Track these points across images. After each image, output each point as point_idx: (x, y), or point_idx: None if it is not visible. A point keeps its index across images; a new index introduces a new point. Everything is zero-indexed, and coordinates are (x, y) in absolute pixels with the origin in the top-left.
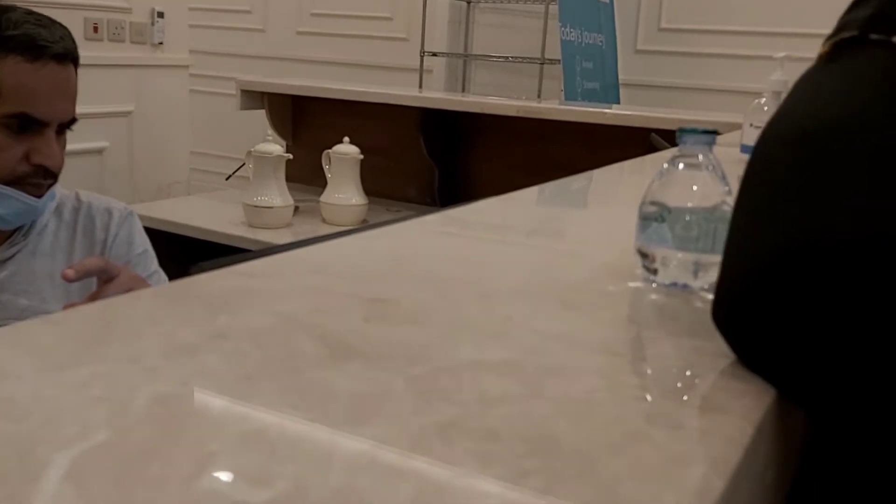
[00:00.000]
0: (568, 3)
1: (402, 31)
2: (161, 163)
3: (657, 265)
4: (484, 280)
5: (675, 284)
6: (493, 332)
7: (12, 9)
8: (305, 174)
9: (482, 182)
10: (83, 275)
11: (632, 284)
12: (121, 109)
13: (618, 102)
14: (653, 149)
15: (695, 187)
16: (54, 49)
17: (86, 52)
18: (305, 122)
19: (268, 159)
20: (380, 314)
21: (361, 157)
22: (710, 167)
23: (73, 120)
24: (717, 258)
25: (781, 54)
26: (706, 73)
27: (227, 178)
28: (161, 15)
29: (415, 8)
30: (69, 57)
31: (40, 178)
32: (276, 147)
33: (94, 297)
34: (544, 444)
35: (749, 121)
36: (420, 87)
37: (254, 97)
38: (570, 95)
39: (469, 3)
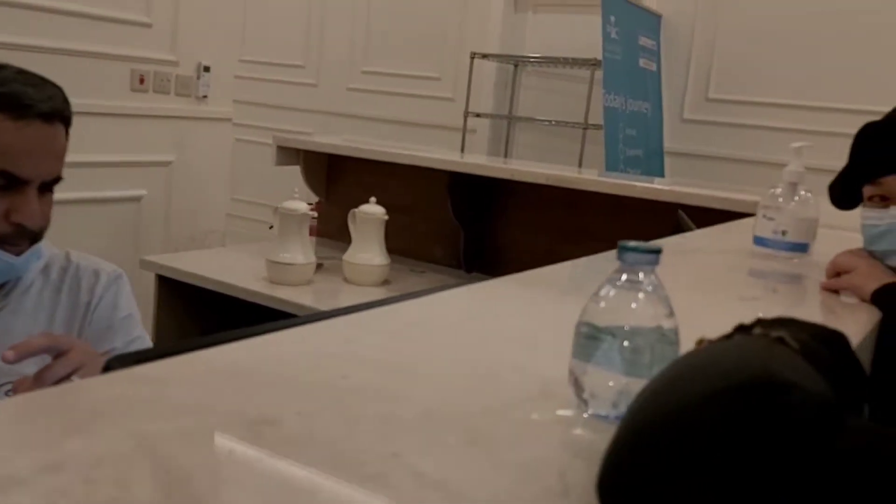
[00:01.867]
0: (613, 70)
1: (449, 92)
2: (197, 212)
3: (586, 395)
4: (393, 395)
5: (607, 417)
6: (370, 473)
7: (2, 67)
8: (335, 230)
9: (509, 246)
10: (25, 355)
11: (561, 412)
12: (161, 159)
13: (661, 170)
14: (679, 227)
15: (633, 307)
16: (40, 108)
17: (130, 103)
18: (339, 178)
19: (293, 217)
20: (252, 440)
21: (386, 217)
22: (651, 287)
23: (58, 179)
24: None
25: (798, 144)
26: (752, 144)
27: (270, 228)
28: (207, 69)
29: (462, 69)
30: (57, 116)
31: (19, 238)
32: (301, 205)
33: (39, 375)
34: None
35: (762, 211)
36: (462, 147)
37: (290, 153)
38: (612, 162)
39: (515, 66)
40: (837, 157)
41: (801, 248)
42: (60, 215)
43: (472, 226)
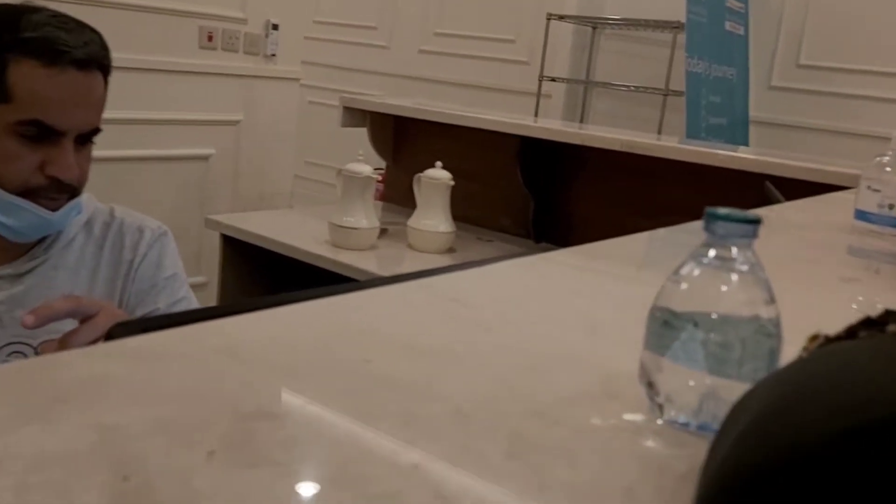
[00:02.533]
0: (696, 33)
1: (524, 55)
2: (265, 173)
3: (660, 398)
4: (421, 388)
5: (687, 425)
6: (379, 492)
7: (37, 10)
8: (401, 195)
9: (581, 217)
10: (46, 320)
11: (629, 417)
12: (229, 118)
13: (746, 140)
14: (767, 199)
15: (724, 290)
16: (75, 54)
17: (199, 60)
18: (406, 142)
19: (356, 179)
20: (242, 440)
21: (452, 182)
22: (747, 266)
23: (97, 130)
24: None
25: None
26: (846, 114)
27: None
28: (276, 27)
29: (538, 32)
30: (94, 63)
31: (55, 192)
32: (365, 167)
33: (64, 340)
34: None
35: (866, 182)
36: (536, 112)
37: (356, 115)
38: (693, 130)
39: (594, 28)
40: None
41: None
42: (128, 172)
43: (542, 195)
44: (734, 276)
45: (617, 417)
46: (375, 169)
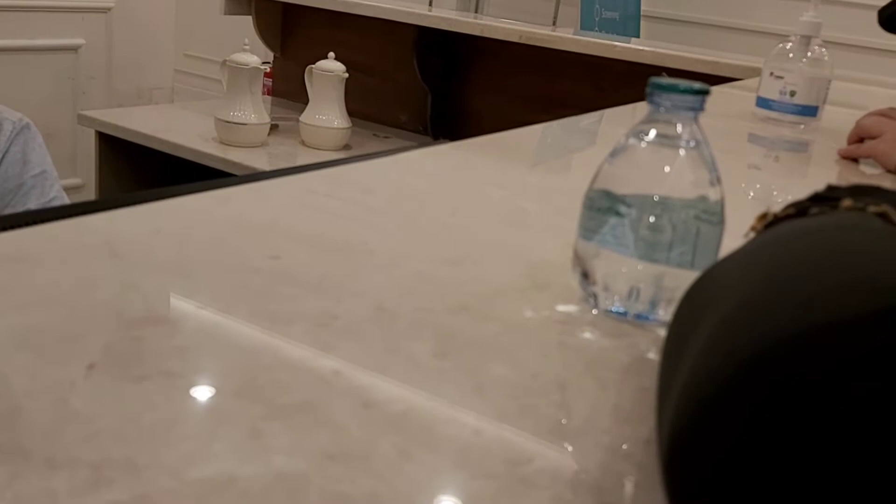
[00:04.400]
0: None
1: None
2: (141, 66)
3: (596, 287)
4: (338, 286)
5: (624, 315)
6: (296, 402)
7: None
8: (292, 89)
9: (479, 112)
10: None
11: (562, 308)
12: (99, 5)
13: (637, 34)
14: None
15: (667, 171)
16: None
17: None
18: (295, 32)
19: (243, 71)
20: (126, 351)
21: (346, 75)
22: (693, 143)
23: None
24: (691, 277)
25: None
26: (736, 10)
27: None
28: None
29: None
30: None
31: None
32: (252, 58)
33: None
34: None
35: (769, 69)
36: (430, 3)
37: (241, 1)
38: (587, 24)
39: None
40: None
41: (810, 111)
42: None
43: (439, 89)
44: (678, 154)
45: (550, 309)
46: (263, 62)
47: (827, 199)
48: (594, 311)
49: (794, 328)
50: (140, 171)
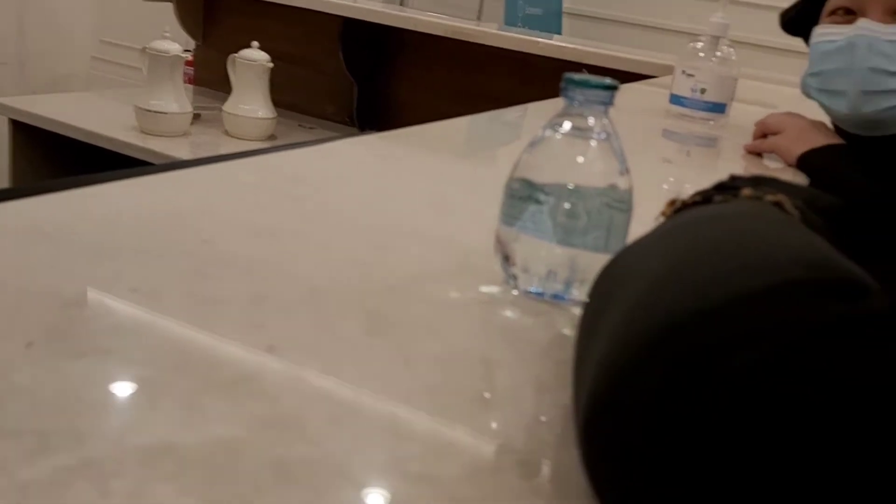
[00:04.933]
0: None
1: None
2: (56, 53)
3: (516, 269)
4: (269, 268)
5: (542, 294)
6: (234, 375)
7: None
8: (215, 78)
9: (406, 105)
10: None
11: (485, 289)
12: None
13: (559, 31)
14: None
15: (581, 161)
16: None
17: None
18: (217, 20)
19: (164, 58)
20: (64, 329)
21: (271, 65)
22: (604, 135)
23: None
24: (603, 259)
25: None
26: (653, 9)
27: None
28: None
29: None
30: None
31: None
32: (173, 45)
33: None
34: None
35: (682, 67)
36: None
37: None
38: (511, 19)
39: None
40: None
41: (720, 108)
42: None
43: (366, 81)
44: (590, 146)
45: (474, 290)
46: (185, 50)
47: (729, 188)
48: (515, 292)
49: (695, 304)
50: (56, 161)
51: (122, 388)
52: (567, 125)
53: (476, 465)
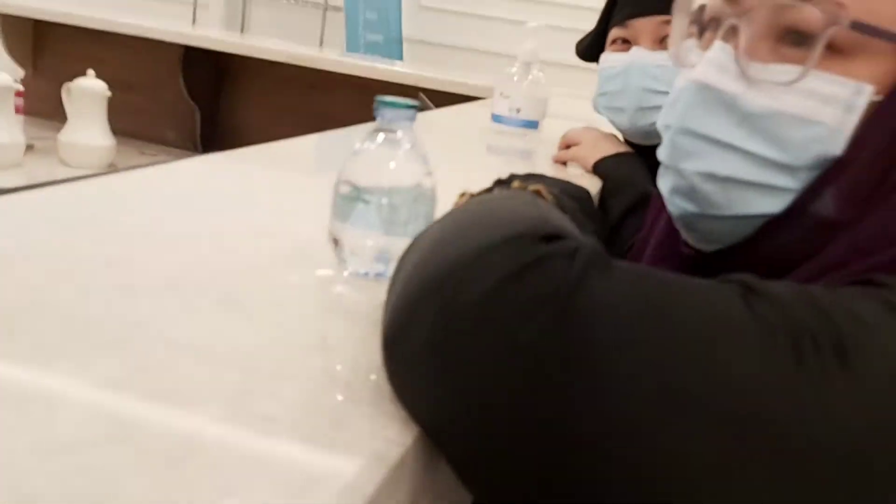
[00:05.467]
0: None
1: None
2: None
3: (345, 255)
4: (130, 264)
5: (366, 275)
6: (110, 339)
7: None
8: (47, 108)
9: (250, 128)
10: None
11: (320, 273)
12: None
13: (400, 56)
14: (420, 108)
15: (393, 166)
16: None
17: None
18: (48, 49)
19: None
20: None
21: (109, 93)
22: (410, 145)
23: None
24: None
25: (533, 24)
26: (485, 35)
27: None
28: None
29: None
30: None
31: None
32: (3, 76)
33: None
34: None
35: (500, 90)
36: (193, 20)
37: None
38: (353, 46)
39: None
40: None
41: (533, 125)
42: None
43: (207, 106)
44: (400, 153)
45: (311, 274)
46: (15, 80)
47: (505, 181)
48: (345, 273)
49: (455, 254)
50: None
51: None
52: (381, 137)
53: (309, 389)
